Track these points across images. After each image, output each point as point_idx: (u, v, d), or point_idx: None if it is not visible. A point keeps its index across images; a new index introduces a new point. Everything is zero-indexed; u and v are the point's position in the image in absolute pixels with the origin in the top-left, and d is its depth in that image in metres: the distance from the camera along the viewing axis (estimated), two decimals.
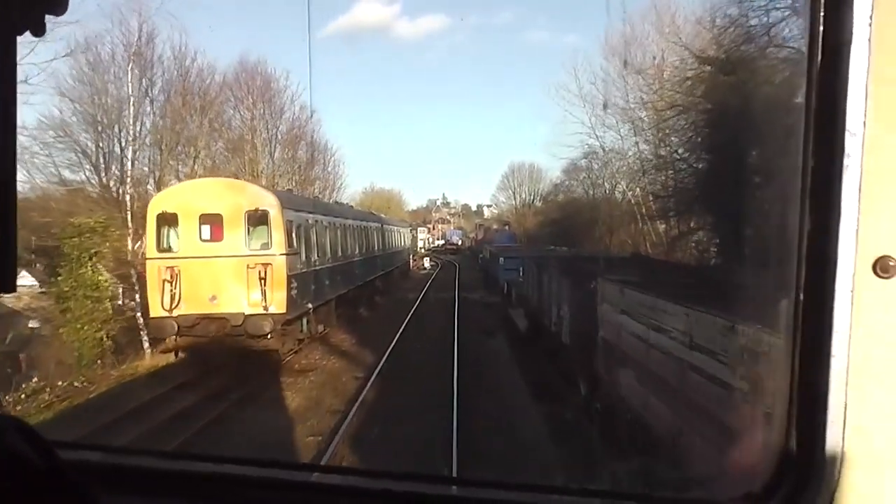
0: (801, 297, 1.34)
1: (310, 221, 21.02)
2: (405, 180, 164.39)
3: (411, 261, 57.36)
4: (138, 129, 31.70)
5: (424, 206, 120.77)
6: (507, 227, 60.46)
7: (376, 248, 35.53)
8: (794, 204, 1.33)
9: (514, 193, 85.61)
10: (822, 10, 1.29)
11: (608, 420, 9.99)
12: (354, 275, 28.45)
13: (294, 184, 50.58)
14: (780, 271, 1.39)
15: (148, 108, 31.55)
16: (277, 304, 17.71)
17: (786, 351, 1.37)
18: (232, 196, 17.83)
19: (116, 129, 31.15)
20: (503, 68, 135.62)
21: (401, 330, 25.20)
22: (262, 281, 17.61)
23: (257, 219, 18.06)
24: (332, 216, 24.47)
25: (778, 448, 1.39)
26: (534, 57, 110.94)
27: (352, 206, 38.95)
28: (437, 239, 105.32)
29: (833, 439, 1.30)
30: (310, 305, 19.92)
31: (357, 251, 29.68)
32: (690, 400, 8.06)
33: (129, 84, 27.87)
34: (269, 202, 18.06)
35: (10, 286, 1.29)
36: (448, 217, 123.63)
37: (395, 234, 44.44)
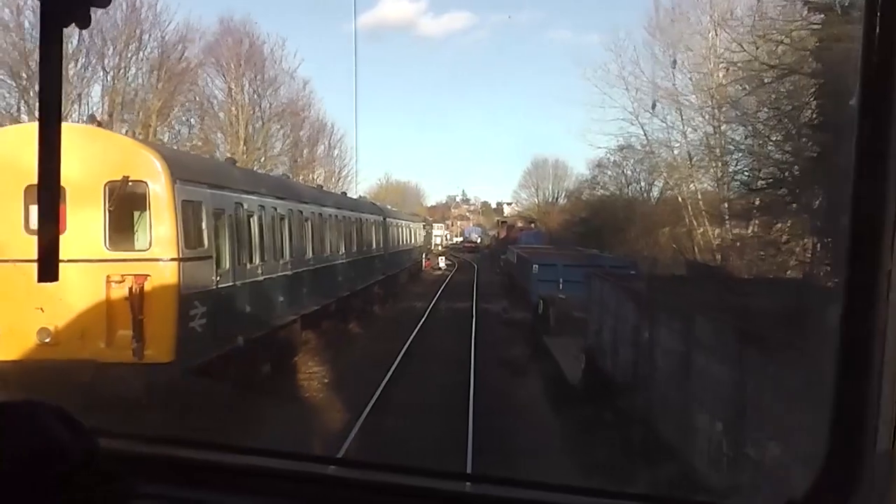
0: (850, 300, 1.27)
1: (245, 207, 13.03)
2: (424, 176, 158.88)
3: (424, 260, 49.32)
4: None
5: (444, 201, 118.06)
6: (533, 226, 52.14)
7: (375, 246, 27.60)
8: None
9: (536, 190, 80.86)
10: (878, 10, 1.24)
11: None
12: (337, 283, 20.53)
13: (290, 167, 43.02)
14: None
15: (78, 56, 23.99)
16: (158, 346, 9.80)
17: (834, 359, 1.30)
18: (84, 155, 9.83)
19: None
20: (527, 66, 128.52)
21: (394, 365, 17.16)
22: (135, 305, 9.70)
23: (128, 197, 10.14)
24: (293, 202, 16.41)
25: (824, 455, 1.31)
26: (558, 54, 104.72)
27: (345, 194, 31.02)
28: (456, 236, 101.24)
29: (882, 447, 1.24)
30: (239, 340, 11.95)
31: (343, 251, 21.75)
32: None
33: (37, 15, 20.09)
34: (148, 168, 10.09)
35: (54, 275, 1.30)
36: (467, 214, 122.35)
37: (402, 230, 36.46)
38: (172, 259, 10.04)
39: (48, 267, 1.29)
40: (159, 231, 10.00)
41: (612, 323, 12.24)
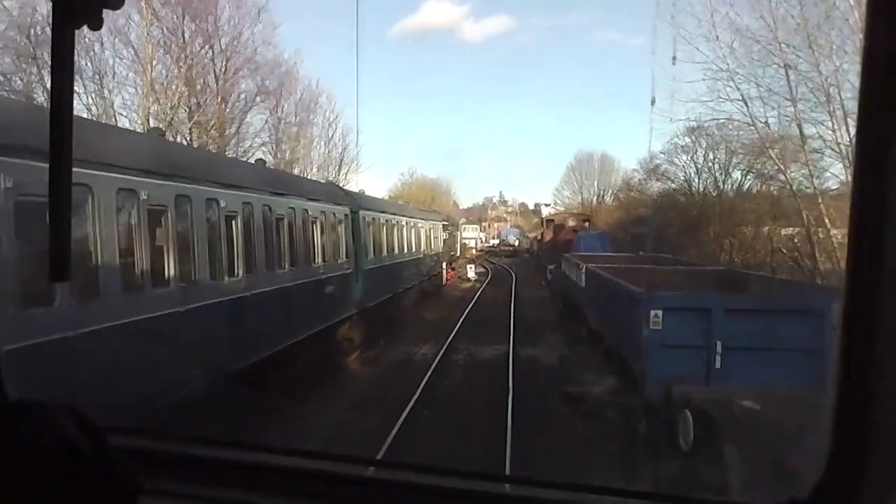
0: (852, 301, 1.21)
1: None
2: (461, 178, 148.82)
3: (446, 271, 36.04)
4: None
5: (480, 203, 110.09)
6: (587, 224, 38.40)
7: (324, 260, 14.51)
8: None
9: (580, 187, 69.30)
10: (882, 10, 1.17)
11: None
12: (208, 352, 7.62)
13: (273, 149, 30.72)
14: None
15: None
16: None
17: (836, 360, 1.24)
18: None
19: None
20: (570, 68, 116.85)
21: None
22: None
23: None
24: None
25: (826, 456, 1.26)
26: (603, 57, 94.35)
27: (263, 162, 18.00)
28: (493, 238, 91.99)
29: (886, 445, 1.19)
30: None
31: (218, 278, 8.73)
32: None
33: None
34: None
35: (65, 275, 1.28)
36: (504, 216, 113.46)
37: (402, 233, 23.32)
38: None
39: (61, 266, 1.26)
40: None
41: None
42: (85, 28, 1.29)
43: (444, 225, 36.27)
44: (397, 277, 21.51)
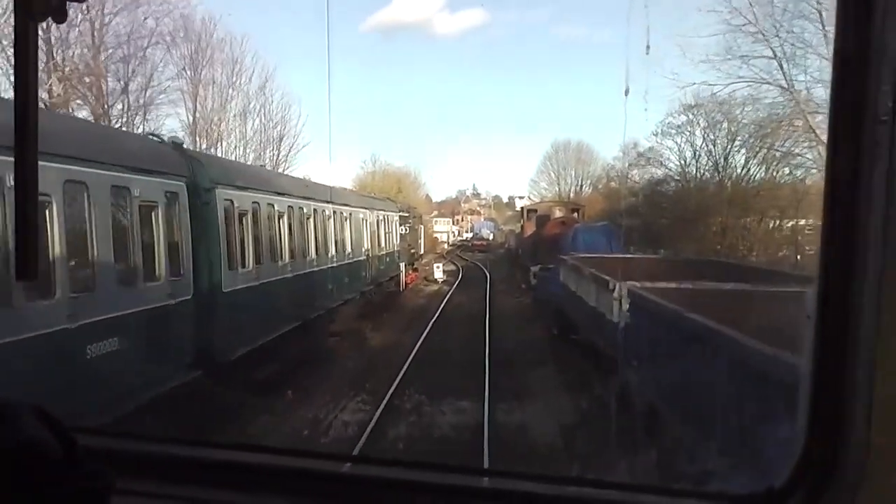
0: (828, 290, 1.18)
1: None
2: (434, 171, 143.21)
3: (405, 273, 28.50)
4: None
5: (454, 196, 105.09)
6: (575, 215, 30.96)
7: (143, 277, 7.12)
8: None
9: (557, 178, 63.67)
10: None
11: None
12: None
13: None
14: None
15: None
16: None
17: (811, 345, 1.22)
18: None
19: None
20: (541, 62, 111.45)
21: None
22: None
23: None
24: None
25: (801, 443, 1.24)
26: (571, 52, 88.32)
27: None
28: (466, 231, 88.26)
29: (857, 436, 1.16)
30: None
31: None
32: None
33: None
34: None
35: (32, 273, 1.25)
36: (478, 208, 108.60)
37: (335, 227, 15.74)
38: None
39: (28, 265, 1.22)
40: None
41: None
42: None
43: (401, 217, 28.73)
44: (312, 295, 13.83)
